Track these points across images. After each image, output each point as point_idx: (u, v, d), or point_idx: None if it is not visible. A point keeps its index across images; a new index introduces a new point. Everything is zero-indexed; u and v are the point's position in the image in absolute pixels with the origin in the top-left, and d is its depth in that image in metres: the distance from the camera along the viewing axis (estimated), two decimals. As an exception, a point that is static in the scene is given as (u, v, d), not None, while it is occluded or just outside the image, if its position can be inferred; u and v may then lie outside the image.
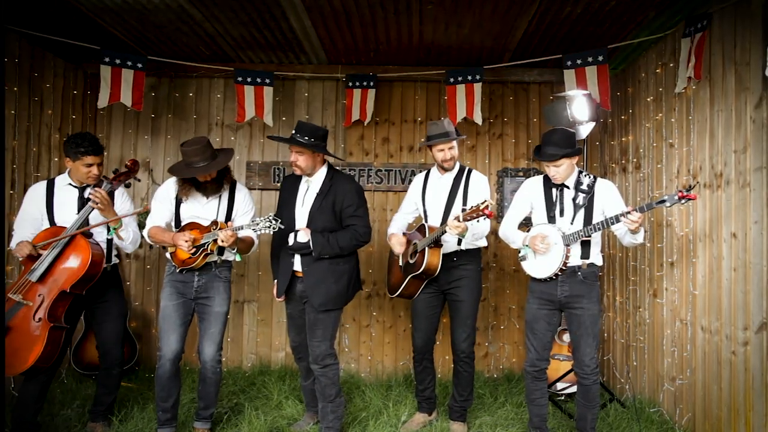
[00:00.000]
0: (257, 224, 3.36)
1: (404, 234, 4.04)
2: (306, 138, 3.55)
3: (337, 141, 5.34)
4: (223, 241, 3.36)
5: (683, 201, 3.09)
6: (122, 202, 3.78)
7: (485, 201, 3.31)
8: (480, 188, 3.85)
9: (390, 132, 5.44)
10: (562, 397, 4.54)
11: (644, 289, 4.42)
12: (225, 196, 3.68)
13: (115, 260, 3.81)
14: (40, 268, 3.37)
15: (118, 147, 5.37)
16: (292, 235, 3.58)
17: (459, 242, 3.81)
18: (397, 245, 3.93)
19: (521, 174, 5.40)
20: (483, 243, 3.94)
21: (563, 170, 3.41)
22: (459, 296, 3.85)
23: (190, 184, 3.55)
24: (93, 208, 3.49)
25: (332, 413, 3.66)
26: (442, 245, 3.74)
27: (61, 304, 3.40)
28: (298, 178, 3.77)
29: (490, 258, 5.38)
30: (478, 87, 4.78)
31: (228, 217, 3.67)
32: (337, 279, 3.60)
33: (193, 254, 3.50)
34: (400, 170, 5.33)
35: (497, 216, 5.36)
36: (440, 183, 3.94)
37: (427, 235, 3.74)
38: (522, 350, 5.35)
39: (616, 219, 3.21)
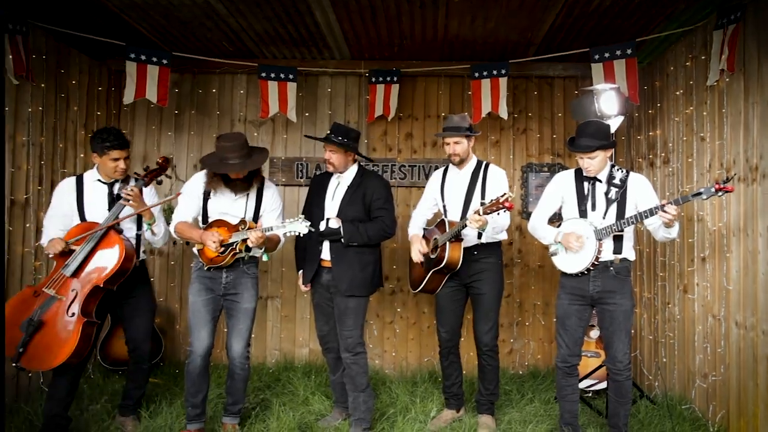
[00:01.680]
0: (286, 226, 3.36)
1: (424, 230, 4.05)
2: (340, 138, 3.69)
3: (360, 137, 5.31)
4: (252, 242, 3.36)
5: (720, 193, 3.03)
6: (151, 198, 3.79)
7: (505, 193, 3.30)
8: (498, 182, 3.84)
9: (413, 127, 5.41)
10: (590, 394, 4.49)
11: (674, 285, 4.36)
12: (253, 193, 3.67)
13: (143, 256, 3.81)
14: (73, 262, 3.37)
15: (141, 143, 5.38)
16: (323, 222, 3.68)
17: (479, 236, 3.80)
18: (416, 252, 3.90)
19: (546, 169, 5.35)
20: (503, 236, 3.91)
21: (597, 162, 3.37)
22: (481, 289, 3.83)
23: (219, 179, 3.54)
24: (125, 206, 3.52)
25: (364, 404, 3.67)
26: (462, 239, 3.74)
27: (94, 299, 3.41)
28: (328, 176, 3.88)
29: (515, 254, 5.34)
30: (503, 81, 4.74)
31: (256, 215, 3.67)
32: (363, 267, 3.69)
33: (222, 253, 3.49)
34: (424, 166, 5.30)
35: (521, 211, 5.33)
36: (458, 177, 3.93)
37: (447, 230, 3.74)
38: (547, 347, 5.31)
39: (651, 212, 3.16)
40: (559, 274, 3.57)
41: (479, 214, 3.37)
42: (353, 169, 3.83)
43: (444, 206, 3.97)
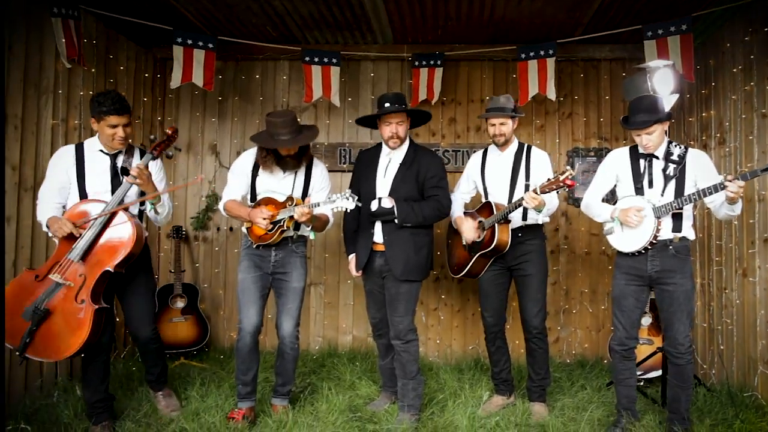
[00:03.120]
0: (333, 201, 3.31)
1: (464, 213, 3.98)
2: (404, 105, 3.61)
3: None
4: (298, 218, 3.32)
5: None
6: (156, 173, 3.50)
7: (566, 170, 3.20)
8: (542, 164, 3.77)
9: (457, 112, 5.34)
10: (641, 383, 4.36)
11: (732, 269, 4.21)
12: (302, 171, 3.64)
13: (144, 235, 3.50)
14: (81, 247, 3.13)
15: (186, 130, 5.41)
16: (375, 201, 3.56)
17: (524, 217, 3.72)
18: (471, 230, 3.81)
19: (592, 154, 5.23)
20: (546, 219, 3.83)
21: (656, 137, 3.26)
22: (527, 270, 3.75)
23: (272, 156, 3.51)
24: (132, 184, 3.30)
25: (413, 391, 3.60)
26: (510, 221, 3.66)
27: (103, 283, 3.19)
28: (377, 153, 3.77)
29: (561, 240, 5.23)
30: (550, 62, 4.64)
31: (304, 193, 3.64)
32: (417, 250, 3.57)
33: (270, 231, 3.47)
34: (468, 150, 5.22)
35: (566, 197, 5.22)
36: (500, 160, 3.86)
37: (494, 212, 3.66)
38: (595, 336, 5.19)
39: (715, 189, 3.03)
40: (606, 260, 3.47)
41: (536, 193, 3.28)
42: (406, 144, 3.71)
43: (485, 189, 3.89)
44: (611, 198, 3.59)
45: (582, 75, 5.26)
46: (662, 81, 4.08)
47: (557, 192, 3.36)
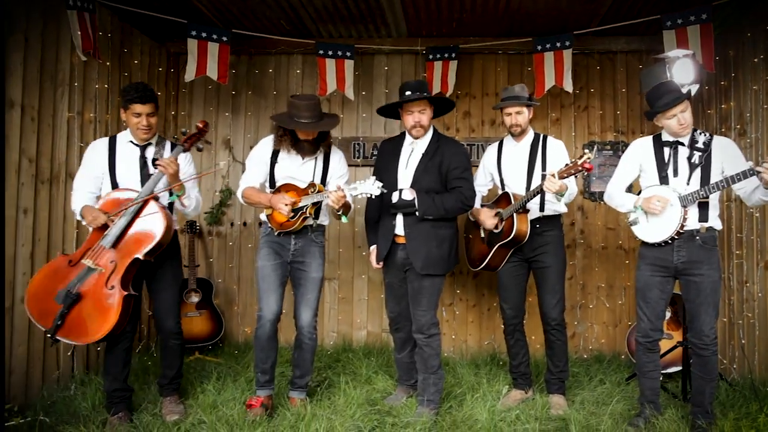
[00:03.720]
0: (357, 188, 3.27)
1: (482, 206, 3.94)
2: (425, 93, 3.53)
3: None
4: (333, 202, 3.28)
5: None
6: (186, 166, 3.56)
7: (584, 153, 3.16)
8: (559, 153, 3.74)
9: (471, 106, 5.30)
10: (660, 378, 4.30)
11: (753, 262, 4.15)
12: (321, 158, 3.61)
13: (175, 226, 3.59)
14: (113, 234, 3.21)
15: (199, 125, 5.39)
16: (396, 193, 3.50)
17: (541, 208, 3.68)
18: (489, 219, 3.78)
19: (608, 147, 5.18)
20: (563, 209, 3.79)
21: (689, 115, 3.21)
22: (545, 262, 3.71)
23: (289, 138, 3.47)
24: (163, 174, 3.33)
25: (434, 385, 3.56)
26: (529, 210, 3.62)
27: (132, 270, 3.26)
28: (400, 142, 3.71)
29: (577, 235, 5.18)
30: (567, 54, 4.59)
31: (323, 180, 3.61)
32: (439, 243, 3.50)
33: (292, 218, 3.44)
34: (483, 144, 5.17)
35: (582, 191, 5.17)
36: (516, 150, 3.82)
37: (512, 203, 3.62)
38: (612, 331, 5.14)
39: (744, 175, 2.96)
40: (623, 255, 3.42)
41: (556, 177, 3.24)
42: (429, 134, 3.63)
43: (502, 180, 3.85)
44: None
45: (598, 68, 5.21)
46: (682, 71, 4.04)
47: (575, 177, 3.31)
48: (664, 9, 4.36)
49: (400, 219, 3.56)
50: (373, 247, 3.79)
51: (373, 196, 3.28)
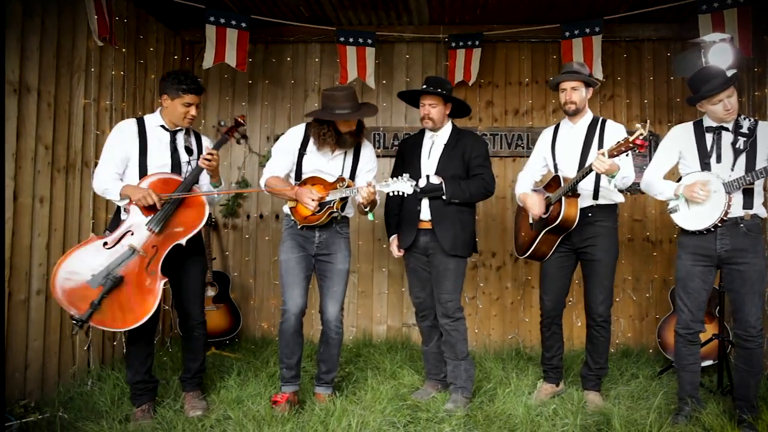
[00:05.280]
0: (390, 185, 3.18)
1: (533, 191, 3.79)
2: (439, 90, 3.52)
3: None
4: (364, 198, 3.20)
5: None
6: None
7: (638, 130, 2.93)
8: (618, 137, 3.52)
9: (494, 95, 5.18)
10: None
11: (790, 253, 4.02)
12: (351, 151, 3.50)
13: None
14: (162, 217, 3.13)
15: (214, 114, 5.28)
16: (423, 178, 3.51)
17: (595, 195, 3.53)
18: (536, 206, 3.58)
19: (635, 137, 5.04)
20: (619, 198, 3.64)
21: (735, 101, 3.08)
22: (595, 255, 3.56)
23: (332, 132, 3.33)
24: (203, 168, 3.27)
25: (465, 372, 3.51)
26: (579, 195, 3.46)
27: (167, 256, 3.16)
28: (420, 137, 3.72)
29: (603, 226, 5.05)
30: (596, 40, 4.48)
31: (352, 174, 3.50)
32: (463, 227, 3.57)
33: (318, 211, 3.32)
34: (506, 134, 5.06)
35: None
36: (572, 133, 3.65)
37: (562, 186, 3.47)
38: (638, 325, 5.02)
39: None
40: (650, 247, 3.29)
41: (605, 155, 3.07)
42: (448, 128, 3.67)
43: (555, 164, 3.68)
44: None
45: (625, 56, 5.08)
46: (719, 56, 3.91)
47: (628, 156, 3.17)
48: (697, -8, 4.24)
49: (425, 205, 3.55)
50: (393, 237, 3.76)
51: (406, 194, 3.20)
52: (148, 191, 3.10)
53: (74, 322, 2.94)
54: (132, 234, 3.12)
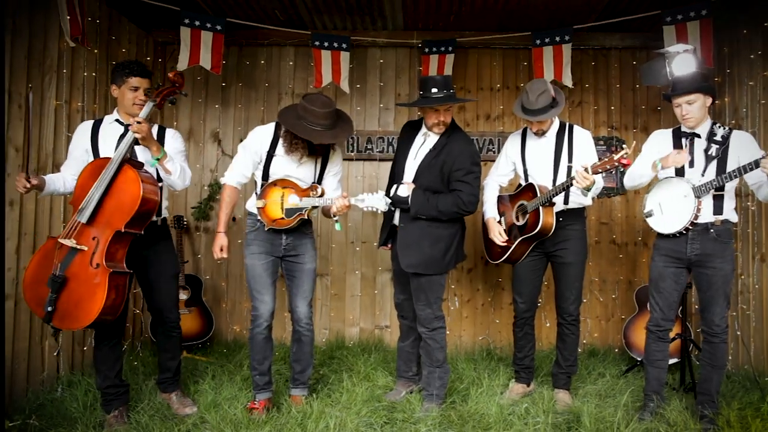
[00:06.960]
0: (365, 201, 3.20)
1: (499, 196, 3.88)
2: (451, 92, 3.40)
3: (412, 109, 5.16)
4: (337, 210, 3.22)
5: None
6: (173, 139, 3.41)
7: (623, 149, 3.11)
8: (586, 145, 3.65)
9: (466, 100, 5.26)
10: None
11: (748, 255, 4.21)
12: (320, 158, 3.49)
13: (165, 213, 3.47)
14: (88, 207, 2.95)
15: (187, 117, 5.24)
16: (394, 187, 3.47)
17: (566, 201, 3.63)
18: (498, 237, 3.69)
19: (602, 143, 5.18)
20: (588, 202, 3.74)
21: (697, 109, 3.20)
22: (566, 258, 3.66)
23: (304, 144, 3.28)
24: (134, 138, 3.04)
25: (439, 379, 3.51)
26: (555, 204, 3.56)
27: (119, 246, 2.99)
28: (416, 127, 3.63)
29: (571, 229, 5.18)
30: (566, 48, 4.60)
31: (320, 178, 3.50)
32: (432, 243, 3.40)
33: (288, 216, 3.33)
34: (478, 139, 5.14)
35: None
36: (542, 141, 3.72)
37: (537, 195, 3.56)
38: (604, 325, 5.16)
39: (756, 164, 2.97)
40: (615, 250, 3.40)
41: (588, 172, 3.16)
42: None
43: (526, 171, 3.75)
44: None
45: (593, 63, 5.23)
46: (682, 65, 4.05)
47: (603, 175, 3.28)
48: (662, 4, 4.39)
49: (398, 212, 3.53)
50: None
51: (380, 212, 3.21)
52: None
53: (50, 326, 2.92)
54: (71, 230, 2.98)
